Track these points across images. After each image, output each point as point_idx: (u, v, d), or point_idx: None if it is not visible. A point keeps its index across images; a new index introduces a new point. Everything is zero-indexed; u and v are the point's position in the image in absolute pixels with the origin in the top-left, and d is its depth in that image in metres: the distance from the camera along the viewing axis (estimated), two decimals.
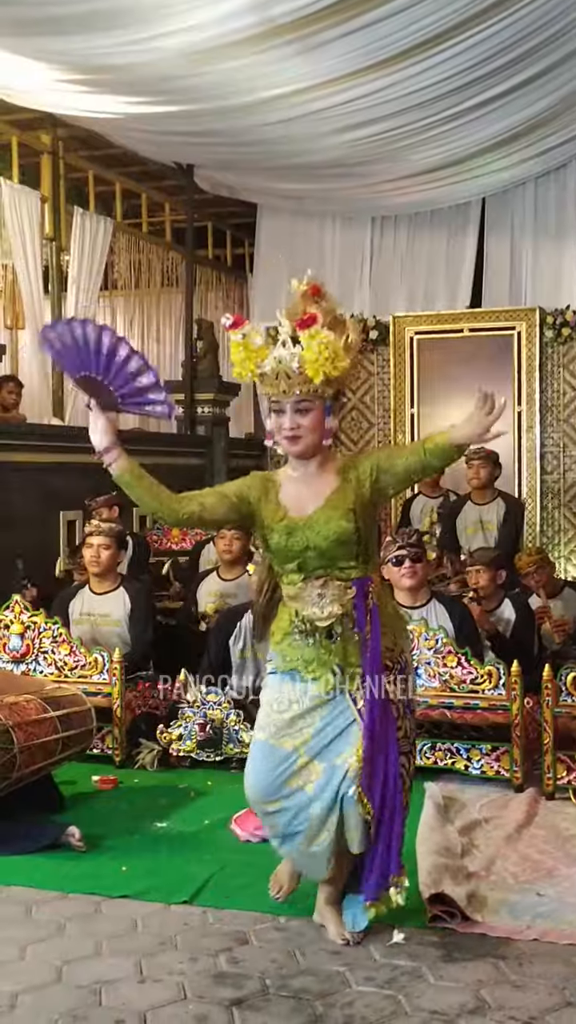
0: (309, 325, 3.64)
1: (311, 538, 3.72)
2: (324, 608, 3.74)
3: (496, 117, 9.28)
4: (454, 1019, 3.22)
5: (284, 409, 3.72)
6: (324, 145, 9.68)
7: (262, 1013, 3.27)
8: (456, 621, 5.91)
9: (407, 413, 10.42)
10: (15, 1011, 3.31)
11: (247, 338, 3.74)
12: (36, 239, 9.97)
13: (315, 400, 3.71)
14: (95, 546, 6.42)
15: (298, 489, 3.81)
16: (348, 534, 3.71)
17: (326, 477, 3.80)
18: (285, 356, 3.67)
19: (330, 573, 3.75)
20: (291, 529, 3.74)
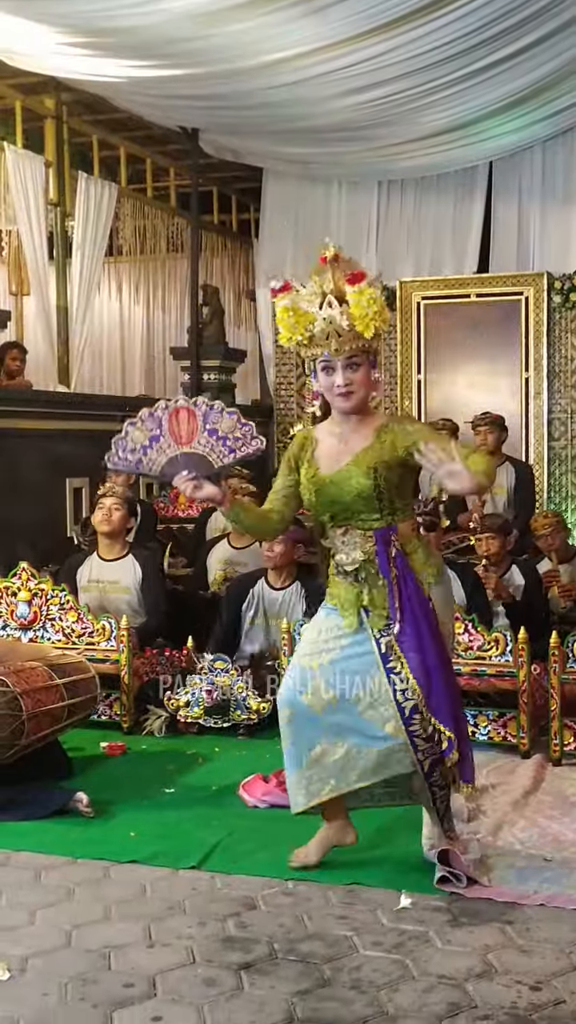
0: (359, 280, 3.77)
1: (336, 494, 3.91)
2: (349, 554, 3.94)
3: (503, 80, 9.17)
4: (461, 983, 3.24)
5: (335, 367, 3.87)
6: (330, 108, 9.58)
7: (270, 977, 3.29)
8: (468, 589, 5.92)
9: (414, 379, 10.40)
10: (25, 975, 3.34)
11: (295, 302, 3.85)
12: (40, 204, 9.90)
13: (363, 355, 3.88)
14: (107, 506, 6.44)
15: (334, 445, 3.98)
16: (367, 491, 3.88)
17: (363, 433, 3.94)
18: (335, 315, 3.80)
19: (351, 523, 3.93)
20: (319, 486, 3.94)
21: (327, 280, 3.84)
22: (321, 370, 3.92)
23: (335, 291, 3.81)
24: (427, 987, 3.22)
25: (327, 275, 3.84)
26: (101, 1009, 3.11)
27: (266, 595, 6.30)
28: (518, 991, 3.19)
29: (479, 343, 10.25)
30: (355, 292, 3.76)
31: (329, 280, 3.83)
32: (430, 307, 10.40)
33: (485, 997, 3.16)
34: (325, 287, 3.83)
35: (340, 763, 3.99)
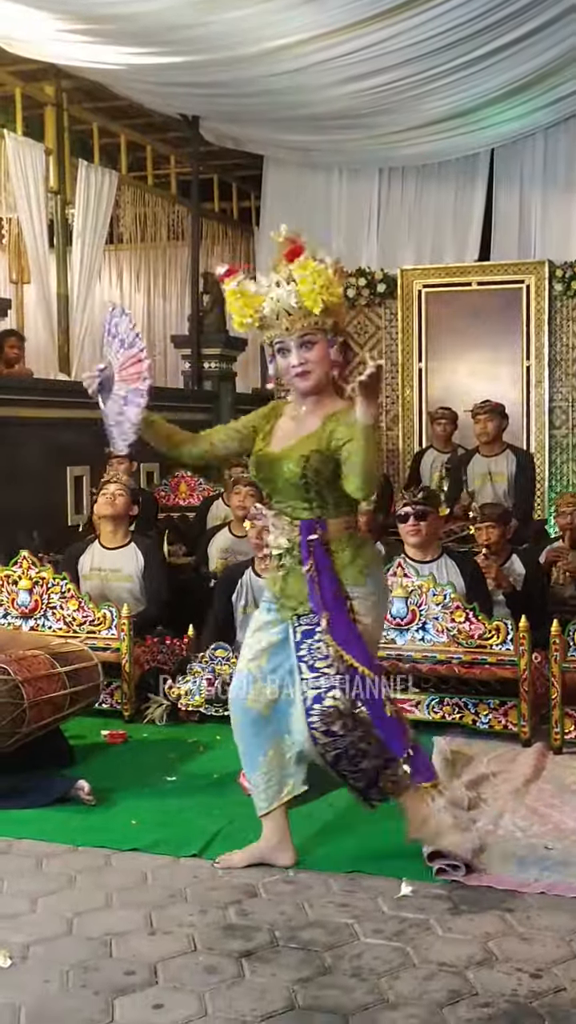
0: (298, 255, 3.73)
1: (270, 473, 3.90)
2: (276, 538, 3.91)
3: (504, 67, 9.15)
4: (462, 971, 3.25)
5: (289, 347, 3.81)
6: (330, 96, 9.57)
7: (271, 964, 3.30)
8: (467, 578, 5.92)
9: (415, 367, 10.40)
10: (27, 962, 3.34)
11: (242, 286, 3.81)
12: (40, 192, 9.89)
13: (318, 333, 3.80)
14: (111, 492, 6.44)
15: (289, 425, 3.94)
16: (295, 478, 3.82)
17: (315, 418, 3.86)
18: (282, 294, 3.76)
19: (282, 508, 3.91)
20: (259, 463, 3.93)
21: (281, 267, 3.80)
22: (278, 352, 3.86)
23: (287, 276, 3.76)
24: (428, 975, 3.23)
25: (282, 263, 3.80)
26: (102, 996, 3.12)
27: (254, 583, 6.28)
28: (518, 979, 3.20)
29: (480, 331, 10.24)
30: (298, 267, 3.71)
31: (283, 266, 3.79)
32: (431, 295, 10.39)
33: (486, 985, 3.16)
34: (280, 273, 3.79)
35: (294, 760, 3.97)
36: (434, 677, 5.64)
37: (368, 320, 11.04)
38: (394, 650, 5.65)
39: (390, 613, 5.67)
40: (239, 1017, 2.99)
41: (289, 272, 3.75)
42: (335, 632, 3.80)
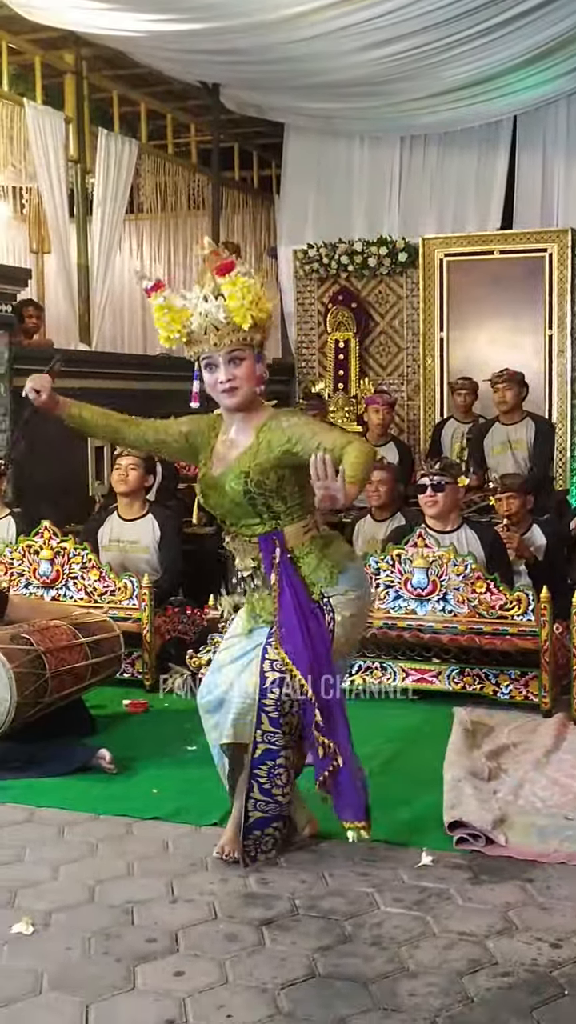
0: (229, 271, 3.67)
1: (216, 498, 3.85)
2: (241, 560, 3.89)
3: (526, 33, 9.04)
4: (482, 940, 3.26)
5: (217, 363, 3.76)
6: (351, 62, 9.48)
7: (291, 933, 3.32)
8: (487, 548, 5.91)
9: (436, 337, 10.33)
10: (49, 929, 3.37)
11: (168, 300, 3.78)
12: (61, 161, 9.85)
13: (246, 348, 3.75)
14: (124, 466, 6.43)
15: (223, 444, 3.87)
16: (238, 496, 3.77)
17: (247, 434, 3.82)
18: (211, 308, 3.71)
19: (236, 529, 3.86)
20: (204, 488, 3.89)
21: (207, 279, 3.74)
22: (204, 367, 3.80)
23: (214, 288, 3.71)
24: (448, 944, 3.24)
25: (207, 275, 3.75)
26: (124, 963, 3.14)
27: None
28: (538, 948, 3.21)
29: (502, 300, 10.16)
30: (228, 283, 3.65)
31: (209, 279, 3.74)
32: (453, 264, 10.31)
33: (505, 954, 3.17)
34: (206, 287, 3.74)
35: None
36: (455, 648, 5.64)
37: (389, 289, 10.98)
38: (415, 620, 5.65)
39: (411, 583, 5.68)
40: (259, 985, 3.01)
41: (216, 286, 3.70)
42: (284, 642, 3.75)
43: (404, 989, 2.99)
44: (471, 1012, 2.88)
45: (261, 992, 2.98)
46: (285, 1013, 2.88)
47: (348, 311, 11.02)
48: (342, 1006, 2.90)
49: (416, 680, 5.73)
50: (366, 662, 5.79)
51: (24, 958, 3.19)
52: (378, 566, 5.76)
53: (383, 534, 6.70)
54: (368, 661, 5.80)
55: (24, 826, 4.21)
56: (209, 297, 3.71)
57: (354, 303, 11.01)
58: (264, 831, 3.85)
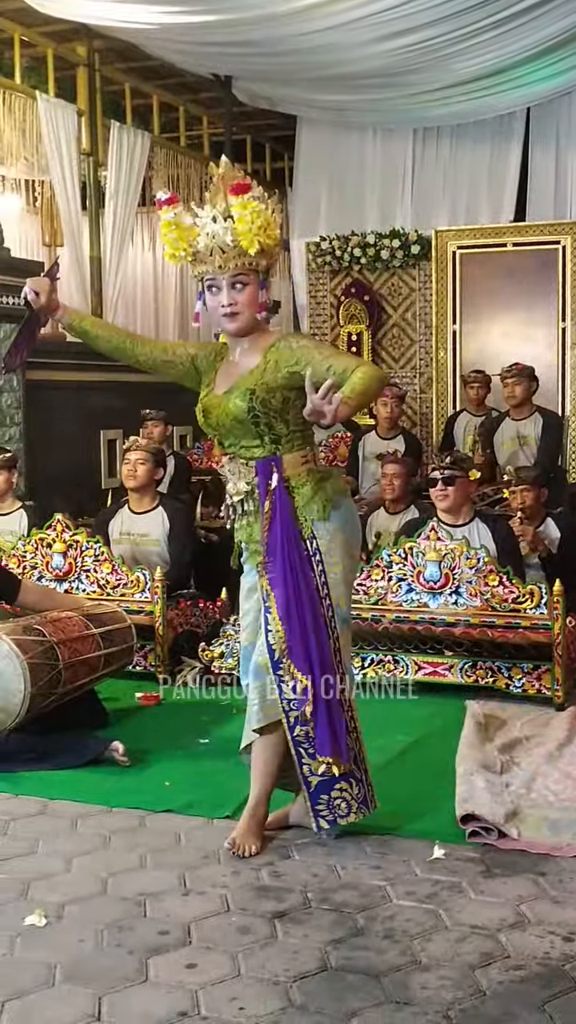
0: (243, 191, 3.65)
1: (217, 416, 3.82)
2: (235, 484, 3.85)
3: (540, 24, 9.01)
4: (494, 933, 3.25)
5: (220, 286, 3.75)
6: (363, 54, 9.46)
7: (304, 925, 3.32)
8: (499, 542, 5.90)
9: (449, 329, 10.31)
10: (62, 921, 3.38)
11: (178, 217, 3.74)
12: (73, 154, 9.85)
13: (250, 274, 3.74)
14: (132, 461, 6.44)
15: (228, 367, 3.87)
16: (241, 413, 3.75)
17: (253, 356, 3.82)
18: (219, 230, 3.69)
19: (235, 451, 3.85)
20: (207, 407, 3.86)
21: (219, 199, 3.72)
22: (207, 289, 3.78)
23: (224, 210, 3.68)
24: (460, 937, 3.24)
25: (219, 195, 3.72)
26: (136, 955, 3.15)
27: None
28: (551, 942, 3.20)
29: (515, 293, 10.14)
30: (238, 205, 3.63)
31: (221, 199, 3.71)
32: (465, 256, 10.29)
33: (518, 947, 3.17)
34: (217, 207, 3.71)
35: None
36: (467, 641, 5.63)
37: (402, 282, 10.96)
38: (427, 614, 5.65)
39: (423, 576, 5.67)
40: (272, 977, 3.02)
41: (227, 207, 3.68)
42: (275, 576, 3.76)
43: (416, 982, 2.99)
44: (483, 1005, 2.87)
45: (273, 985, 2.98)
46: (297, 1006, 2.88)
47: (360, 304, 11.01)
48: (354, 999, 2.90)
49: (428, 673, 5.73)
50: (378, 655, 5.79)
51: (37, 950, 3.19)
52: (390, 559, 5.75)
53: (396, 527, 6.70)
54: (380, 654, 5.79)
55: (37, 818, 4.22)
56: (218, 218, 3.68)
57: (366, 296, 11.00)
58: (331, 794, 3.84)
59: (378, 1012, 2.84)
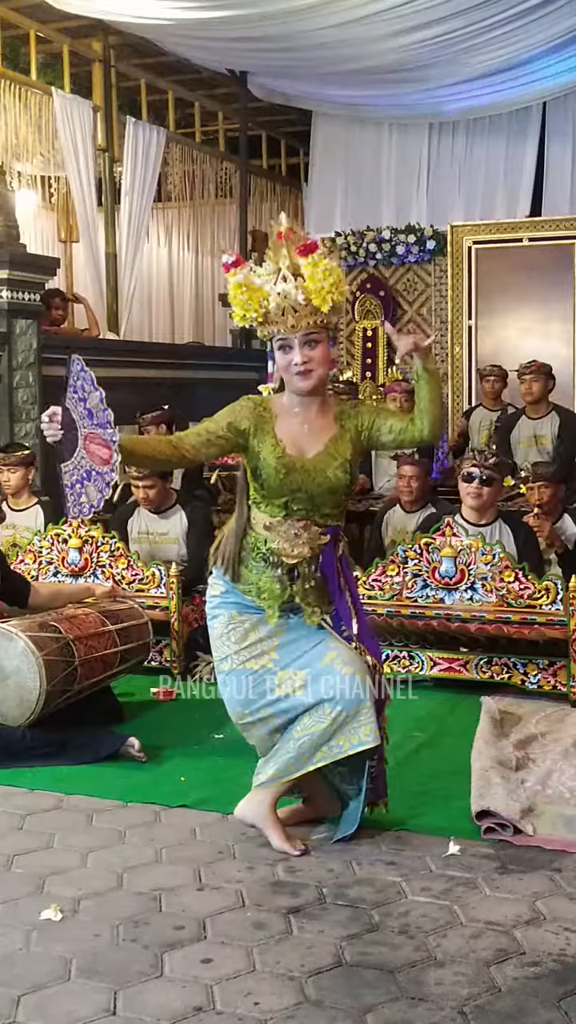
0: (311, 251, 3.62)
1: (305, 482, 3.71)
2: (295, 547, 3.74)
3: (556, 18, 9.00)
4: (509, 930, 3.25)
5: (292, 345, 3.69)
6: (379, 49, 9.46)
7: (319, 921, 3.32)
8: (520, 543, 5.89)
9: (464, 325, 10.30)
10: (77, 916, 3.39)
11: (248, 278, 3.69)
12: (89, 150, 9.87)
13: (322, 332, 3.70)
14: (142, 488, 6.40)
15: (297, 427, 3.77)
16: (342, 486, 3.75)
17: (326, 420, 3.78)
18: (290, 290, 3.64)
19: (312, 517, 3.75)
20: (289, 468, 3.71)
21: (282, 256, 3.67)
22: (278, 349, 3.72)
23: (290, 266, 3.65)
24: (475, 933, 3.24)
25: (282, 251, 3.67)
26: (151, 950, 3.15)
27: None
28: (566, 938, 3.20)
29: (531, 288, 10.12)
30: (309, 264, 3.59)
31: (284, 256, 3.66)
32: (481, 252, 10.28)
33: (533, 944, 3.17)
34: (281, 263, 3.66)
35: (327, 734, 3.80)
36: (483, 637, 5.62)
37: (417, 277, 10.95)
38: (443, 609, 5.64)
39: (439, 572, 5.67)
40: (287, 972, 3.02)
41: (293, 265, 3.64)
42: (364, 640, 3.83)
43: (431, 978, 2.99)
44: (498, 1001, 2.87)
45: (288, 980, 2.99)
46: (312, 1001, 2.89)
47: (376, 299, 11.00)
48: (369, 994, 2.90)
49: (444, 669, 5.73)
50: (394, 651, 5.78)
51: (52, 944, 3.20)
52: (406, 555, 5.74)
53: (413, 525, 6.68)
54: (396, 650, 5.79)
55: (53, 813, 4.23)
56: (288, 277, 3.64)
57: (382, 291, 10.99)
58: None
59: (393, 1008, 2.85)
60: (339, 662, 3.75)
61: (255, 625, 3.83)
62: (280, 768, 3.84)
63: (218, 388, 10.13)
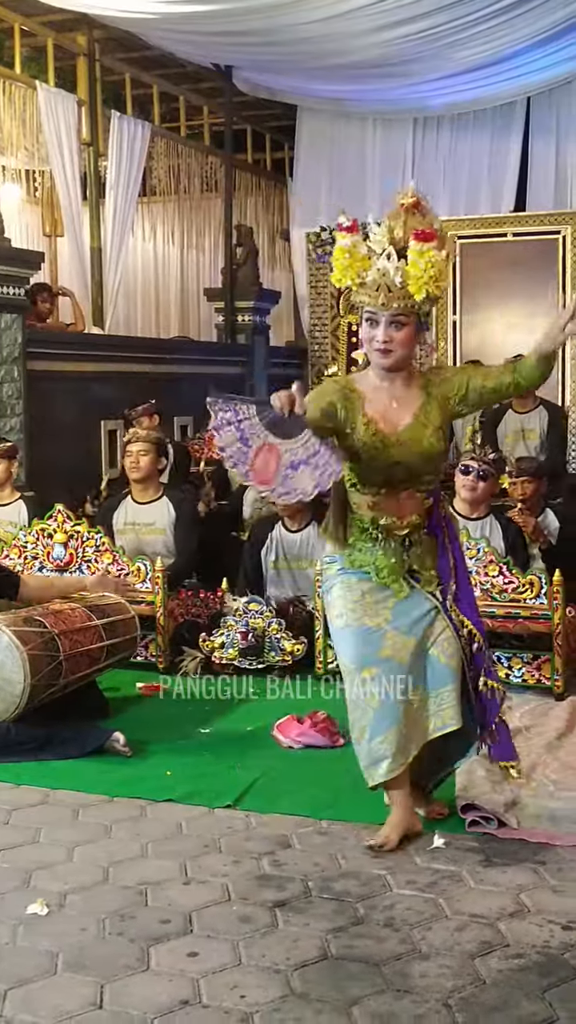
0: (428, 239, 3.65)
1: (402, 454, 3.74)
2: (404, 518, 3.80)
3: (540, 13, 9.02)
4: (494, 922, 3.27)
5: (379, 320, 3.72)
6: (364, 44, 9.45)
7: (305, 915, 3.34)
8: (508, 541, 5.92)
9: (449, 320, 10.30)
10: (64, 910, 3.40)
11: (356, 245, 3.73)
12: (73, 144, 9.83)
13: (411, 316, 3.72)
14: (134, 453, 6.44)
15: (386, 402, 3.79)
16: (438, 452, 3.80)
17: (413, 391, 3.81)
18: (390, 268, 3.67)
19: (412, 486, 3.80)
20: (384, 443, 3.73)
21: (399, 227, 3.70)
22: (365, 320, 3.76)
23: (397, 242, 3.68)
24: (459, 926, 3.25)
25: (400, 221, 3.71)
26: (138, 944, 3.16)
27: (284, 538, 6.31)
28: (550, 930, 3.22)
29: (516, 283, 10.14)
30: (416, 250, 3.62)
31: (401, 227, 3.70)
32: (466, 246, 10.27)
33: (517, 936, 3.19)
34: (396, 234, 3.69)
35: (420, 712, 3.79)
36: None
37: None
38: None
39: None
40: (272, 966, 3.03)
41: (404, 241, 3.67)
42: (460, 603, 3.85)
43: (416, 970, 3.00)
44: (483, 993, 2.89)
45: (274, 973, 3.00)
46: (298, 994, 2.90)
47: None
48: (354, 987, 2.92)
49: None
50: None
51: (39, 939, 3.21)
52: None
53: None
54: None
55: (39, 808, 4.24)
56: (392, 255, 3.67)
57: None
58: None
59: (378, 1000, 2.86)
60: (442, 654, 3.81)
61: (372, 589, 3.85)
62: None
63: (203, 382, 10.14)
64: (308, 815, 4.08)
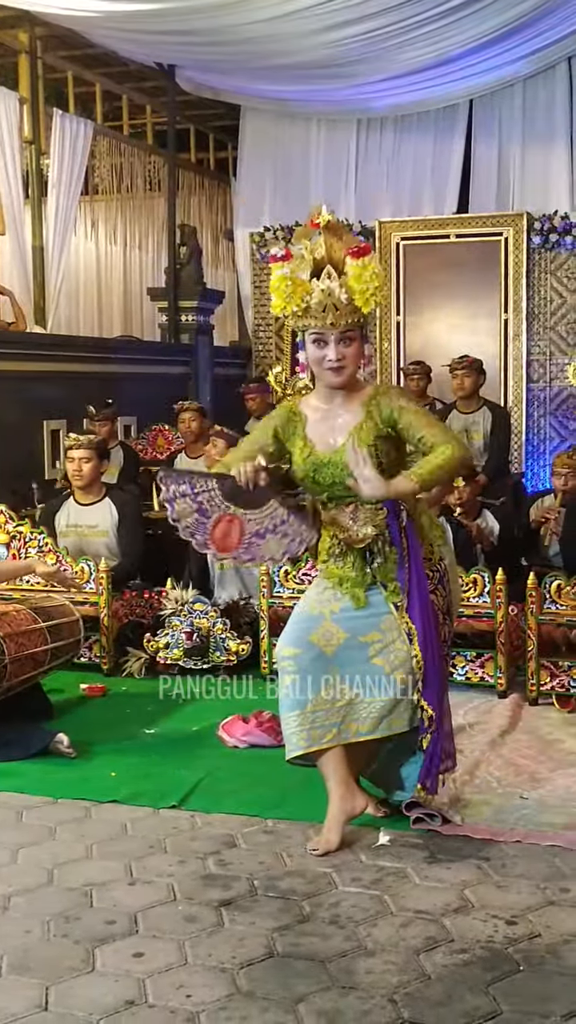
0: (364, 255, 3.69)
1: (336, 473, 3.78)
2: (359, 531, 3.83)
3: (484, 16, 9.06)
4: (438, 918, 3.29)
5: (327, 340, 3.75)
6: (310, 45, 9.46)
7: (250, 913, 3.34)
8: (459, 544, 5.96)
9: (392, 321, 10.33)
10: (8, 912, 3.38)
11: (295, 272, 3.76)
12: (15, 142, 9.74)
13: (356, 330, 3.78)
14: (76, 460, 6.37)
15: (324, 423, 3.84)
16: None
17: (352, 408, 3.83)
18: (334, 288, 3.71)
19: (357, 500, 3.80)
20: (317, 465, 3.80)
21: (318, 246, 3.75)
22: (312, 342, 3.78)
23: (331, 261, 3.73)
24: (404, 922, 3.28)
25: (318, 240, 3.75)
26: (83, 945, 3.15)
27: None
28: (494, 925, 3.25)
29: (458, 284, 10.19)
30: (358, 266, 3.67)
31: (320, 246, 3.74)
32: (409, 248, 10.32)
33: (462, 931, 3.21)
34: (316, 253, 3.74)
35: (344, 710, 3.82)
36: None
37: None
38: None
39: None
40: (219, 965, 3.04)
41: (337, 261, 3.72)
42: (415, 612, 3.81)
43: (362, 967, 3.02)
44: (428, 989, 2.91)
45: (220, 972, 3.00)
46: (244, 992, 2.90)
47: None
48: (301, 984, 2.93)
49: None
50: None
51: None
52: None
53: None
54: None
55: None
56: (332, 274, 3.71)
57: None
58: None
59: (324, 997, 2.87)
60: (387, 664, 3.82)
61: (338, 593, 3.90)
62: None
63: (148, 382, 10.10)
64: (254, 814, 4.09)
